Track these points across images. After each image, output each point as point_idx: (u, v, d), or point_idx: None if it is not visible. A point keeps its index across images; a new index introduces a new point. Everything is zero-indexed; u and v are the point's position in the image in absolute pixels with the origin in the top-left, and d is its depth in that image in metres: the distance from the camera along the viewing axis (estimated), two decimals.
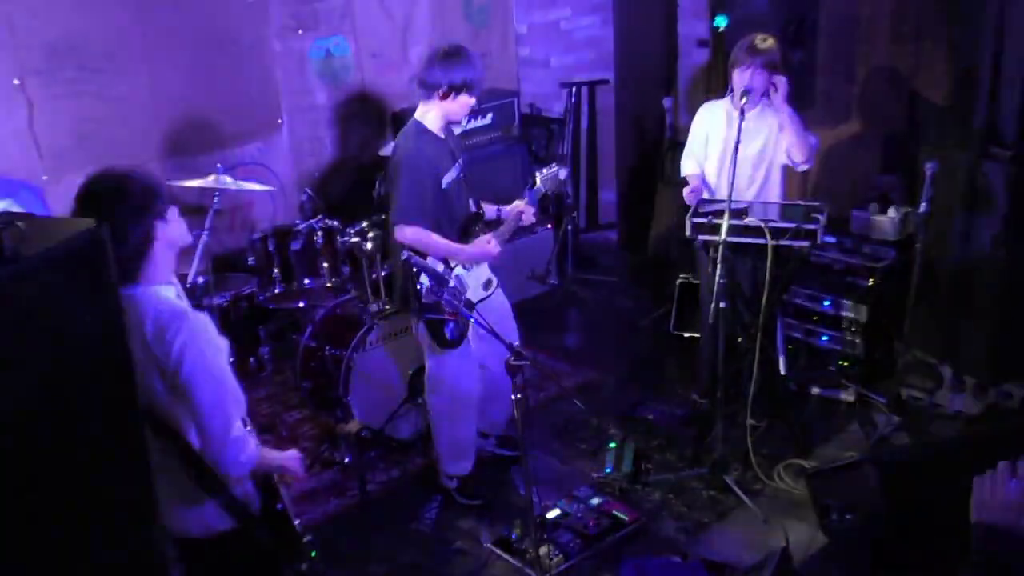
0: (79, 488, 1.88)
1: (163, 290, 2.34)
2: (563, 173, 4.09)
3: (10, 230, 1.75)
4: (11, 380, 1.71)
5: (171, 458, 2.34)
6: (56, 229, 1.94)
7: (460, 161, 3.86)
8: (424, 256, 3.62)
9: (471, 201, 3.95)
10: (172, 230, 2.37)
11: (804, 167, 4.22)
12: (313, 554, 2.62)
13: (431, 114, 3.72)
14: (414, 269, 3.60)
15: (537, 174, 4.04)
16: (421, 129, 3.73)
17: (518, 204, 3.96)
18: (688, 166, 4.41)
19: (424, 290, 3.66)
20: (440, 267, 3.72)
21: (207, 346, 2.30)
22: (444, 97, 3.65)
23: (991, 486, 1.92)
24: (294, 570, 2.61)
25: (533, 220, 4.09)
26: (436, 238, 3.68)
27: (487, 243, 3.85)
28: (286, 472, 2.60)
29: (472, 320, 3.49)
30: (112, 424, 1.98)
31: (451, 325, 3.75)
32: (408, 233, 3.64)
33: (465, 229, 3.86)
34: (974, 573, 1.88)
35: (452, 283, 3.73)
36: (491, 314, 3.90)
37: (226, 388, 2.35)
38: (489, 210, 4.02)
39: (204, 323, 2.32)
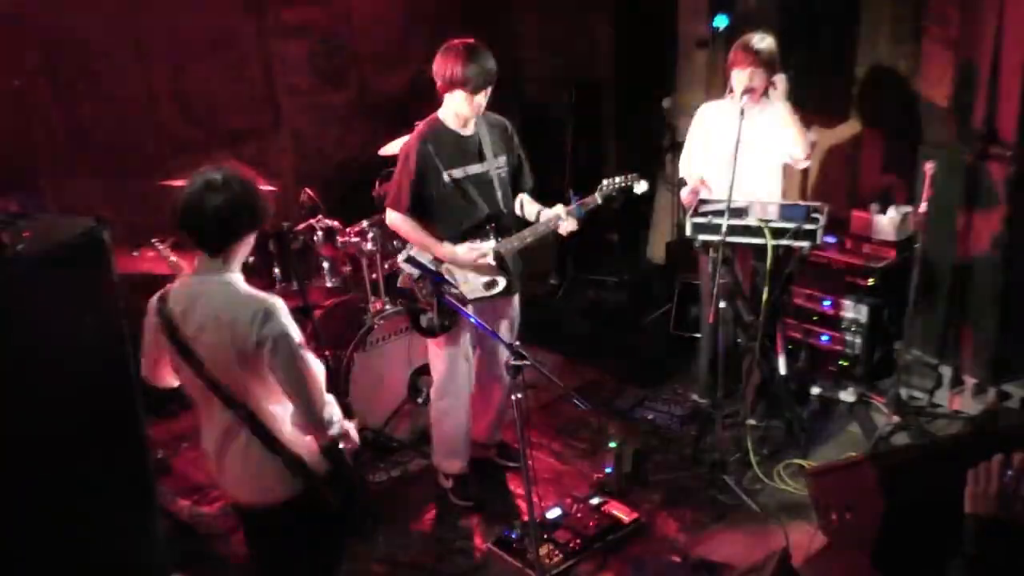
0: (77, 484, 1.88)
1: (239, 279, 2.57)
2: (640, 186, 3.84)
3: (10, 230, 1.75)
4: (11, 378, 1.71)
5: (240, 428, 2.54)
6: (56, 229, 1.94)
7: (494, 159, 3.77)
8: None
9: (506, 198, 3.84)
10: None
11: (803, 164, 4.23)
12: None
13: (446, 108, 3.74)
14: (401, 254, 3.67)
15: (605, 183, 3.84)
16: (433, 122, 3.75)
17: (556, 210, 3.82)
18: (687, 167, 4.40)
19: (402, 275, 3.70)
20: (428, 258, 3.72)
21: (293, 327, 2.51)
22: (443, 90, 3.66)
23: (984, 478, 1.92)
24: (360, 530, 2.85)
25: (571, 230, 3.83)
26: (412, 227, 3.74)
27: (468, 251, 3.76)
28: (347, 437, 2.75)
29: (466, 316, 3.48)
30: (111, 420, 1.98)
31: (428, 315, 3.75)
32: (390, 218, 3.78)
33: (477, 227, 3.80)
34: (966, 565, 1.88)
35: (443, 274, 3.73)
36: (490, 316, 3.89)
37: (312, 358, 2.57)
38: (532, 209, 3.92)
39: (284, 306, 2.53)
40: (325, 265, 4.69)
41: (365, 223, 4.57)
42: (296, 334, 2.52)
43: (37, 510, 1.77)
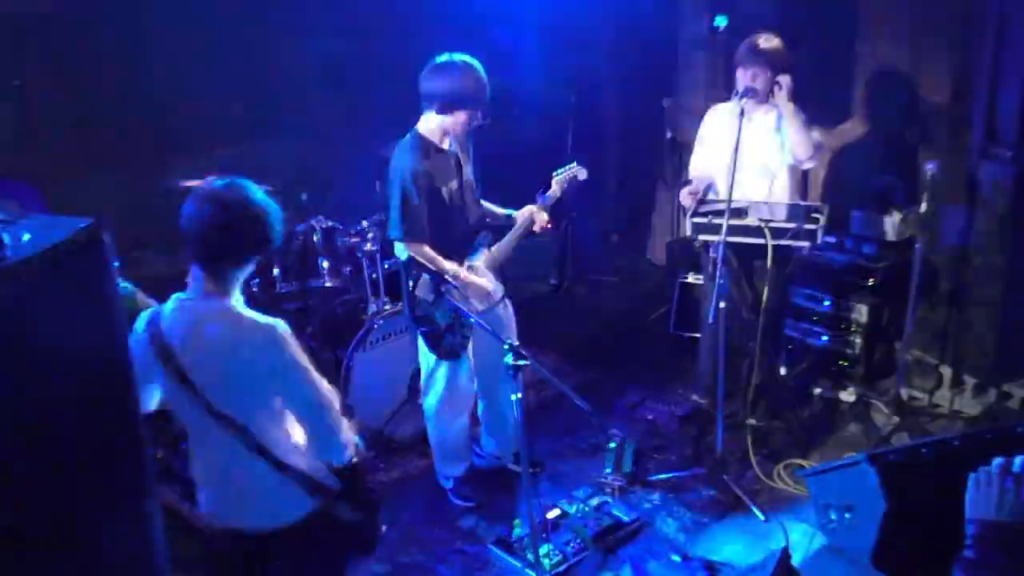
0: (75, 490, 1.87)
1: (240, 303, 2.45)
2: (582, 174, 4.01)
3: (10, 230, 1.74)
4: (8, 380, 1.71)
5: (243, 451, 2.42)
6: (55, 229, 1.93)
7: (468, 169, 3.79)
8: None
9: (479, 207, 3.88)
10: None
11: (809, 165, 4.22)
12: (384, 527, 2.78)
13: (431, 125, 3.64)
14: (410, 281, 3.60)
15: (554, 177, 3.95)
16: (419, 140, 3.63)
17: (528, 208, 3.91)
18: (697, 168, 4.39)
19: (419, 301, 3.65)
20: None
21: (300, 351, 2.42)
22: (440, 111, 3.57)
23: (986, 482, 1.92)
24: (373, 541, 2.74)
25: (547, 226, 3.97)
26: (432, 255, 3.62)
27: (484, 280, 3.79)
28: (356, 451, 2.70)
29: (467, 317, 3.46)
30: (110, 420, 1.98)
31: (447, 338, 3.74)
32: (404, 249, 3.66)
33: (466, 239, 3.80)
34: (968, 570, 1.88)
35: (454, 295, 3.70)
36: (492, 325, 3.88)
37: (323, 381, 2.48)
38: (500, 213, 3.98)
39: (289, 330, 2.41)
40: (325, 265, 4.69)
41: (365, 223, 4.57)
42: (305, 359, 2.41)
43: (35, 511, 1.77)
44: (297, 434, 2.50)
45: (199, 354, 2.36)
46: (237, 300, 2.43)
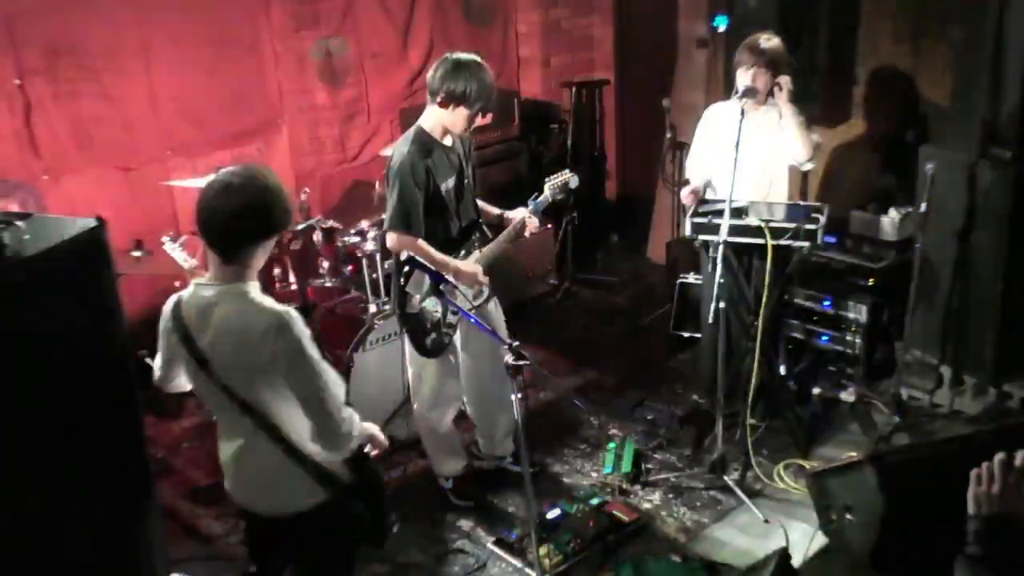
0: (77, 484, 1.88)
1: (255, 288, 2.48)
2: (574, 181, 3.98)
3: (10, 230, 1.75)
4: (11, 378, 1.71)
5: (259, 436, 2.47)
6: (56, 229, 1.94)
7: (468, 167, 3.78)
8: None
9: (475, 207, 3.87)
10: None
11: (808, 166, 4.22)
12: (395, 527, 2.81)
13: (433, 120, 3.64)
14: (402, 279, 3.60)
15: (546, 183, 3.94)
16: (421, 134, 3.63)
17: (520, 212, 3.89)
18: (693, 168, 4.40)
19: (409, 299, 3.65)
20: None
21: (307, 339, 2.43)
22: (442, 105, 3.57)
23: (987, 478, 1.92)
24: (381, 538, 2.79)
25: (536, 230, 3.96)
26: (425, 248, 3.60)
27: (476, 266, 3.76)
28: (374, 441, 2.74)
29: (468, 317, 3.45)
30: (111, 420, 1.98)
31: (432, 336, 3.74)
32: (397, 241, 3.62)
33: (459, 237, 3.79)
34: (970, 566, 1.88)
35: (445, 293, 3.69)
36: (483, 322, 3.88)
37: (330, 372, 2.50)
38: (493, 213, 3.97)
39: (299, 318, 2.44)
40: (325, 265, 4.69)
41: (365, 223, 4.57)
42: (312, 348, 2.44)
43: (35, 510, 1.77)
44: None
45: (212, 338, 2.41)
46: (252, 285, 2.46)
